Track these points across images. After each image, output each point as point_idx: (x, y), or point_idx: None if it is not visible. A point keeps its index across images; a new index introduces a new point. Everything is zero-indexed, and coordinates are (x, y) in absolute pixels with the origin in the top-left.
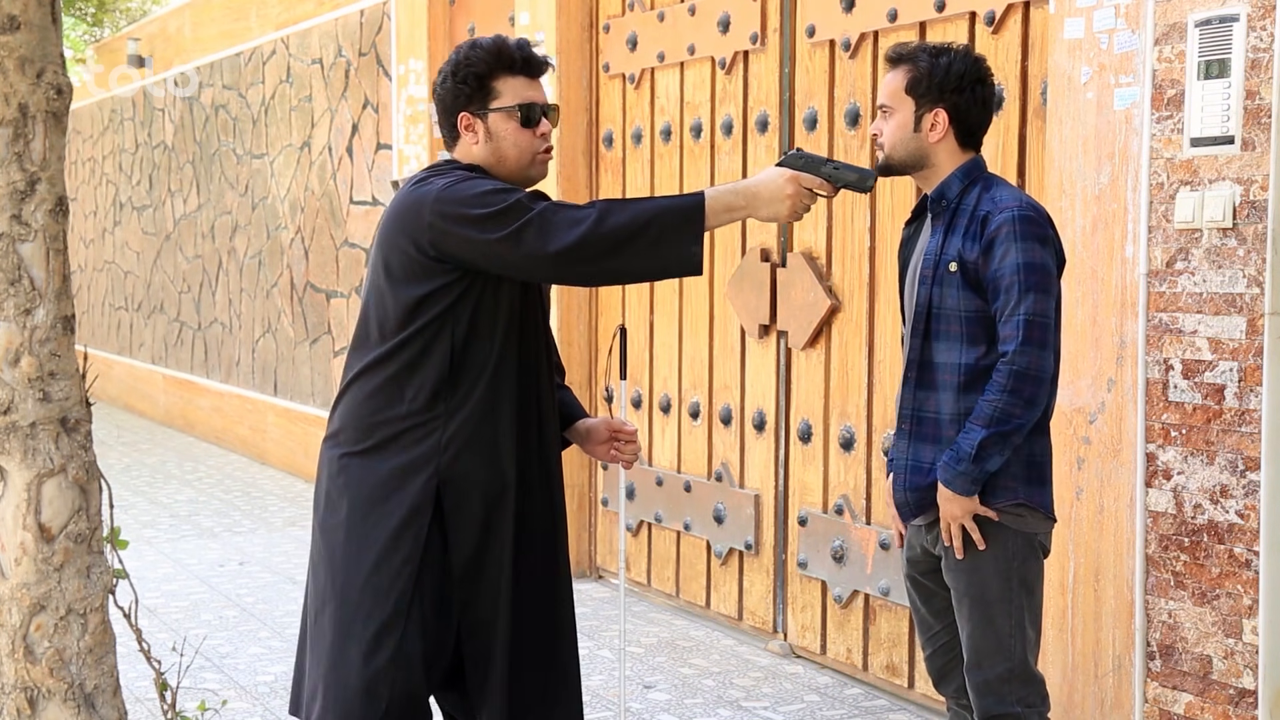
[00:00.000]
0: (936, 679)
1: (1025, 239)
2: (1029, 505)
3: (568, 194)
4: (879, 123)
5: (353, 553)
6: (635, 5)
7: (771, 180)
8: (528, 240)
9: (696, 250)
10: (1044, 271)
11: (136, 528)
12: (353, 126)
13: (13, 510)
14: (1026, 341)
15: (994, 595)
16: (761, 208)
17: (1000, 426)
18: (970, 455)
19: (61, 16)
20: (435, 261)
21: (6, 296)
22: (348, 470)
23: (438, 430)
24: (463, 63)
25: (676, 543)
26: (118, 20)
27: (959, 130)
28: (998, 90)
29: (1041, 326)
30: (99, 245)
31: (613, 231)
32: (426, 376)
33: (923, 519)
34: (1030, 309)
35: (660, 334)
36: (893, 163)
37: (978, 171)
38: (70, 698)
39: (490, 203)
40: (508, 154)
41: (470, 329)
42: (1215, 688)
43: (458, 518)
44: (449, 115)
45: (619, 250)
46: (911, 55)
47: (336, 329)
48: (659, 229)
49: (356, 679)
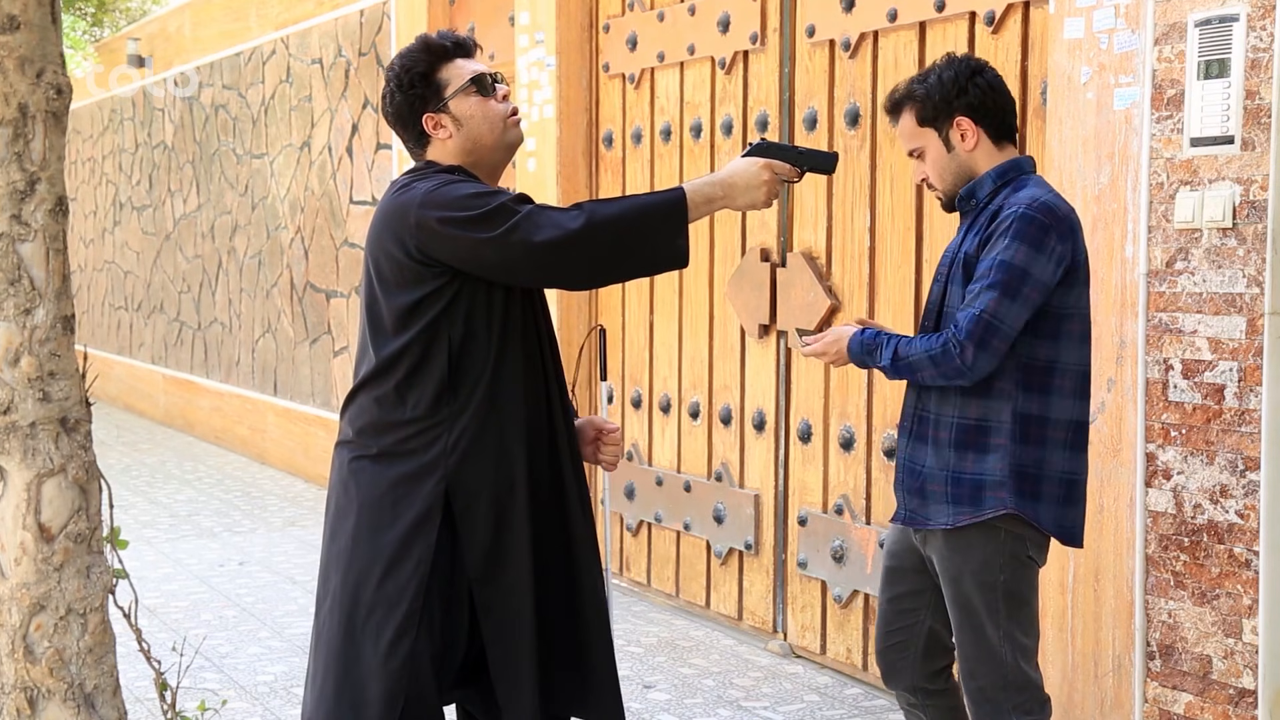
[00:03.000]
0: (885, 673)
1: (1017, 237)
2: (1020, 518)
3: (568, 194)
4: (918, 167)
5: (363, 558)
6: (635, 5)
7: (746, 169)
8: (515, 241)
9: (682, 243)
10: (1019, 274)
11: (136, 528)
12: (353, 126)
13: (13, 510)
14: (969, 335)
15: (977, 606)
16: (739, 196)
17: (903, 373)
18: (874, 359)
19: (61, 16)
20: (424, 265)
21: (6, 296)
22: (358, 475)
23: (443, 435)
24: (403, 73)
25: (676, 543)
26: (118, 20)
27: (988, 127)
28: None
29: (989, 327)
30: (99, 245)
31: (599, 229)
32: (427, 383)
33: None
34: (986, 306)
35: (660, 334)
36: (948, 193)
37: (1015, 172)
38: (70, 698)
39: (477, 205)
40: (480, 131)
41: (466, 332)
42: (1215, 688)
43: (468, 519)
44: (411, 125)
45: (607, 248)
46: (907, 93)
47: (336, 329)
48: (644, 225)
49: (371, 684)
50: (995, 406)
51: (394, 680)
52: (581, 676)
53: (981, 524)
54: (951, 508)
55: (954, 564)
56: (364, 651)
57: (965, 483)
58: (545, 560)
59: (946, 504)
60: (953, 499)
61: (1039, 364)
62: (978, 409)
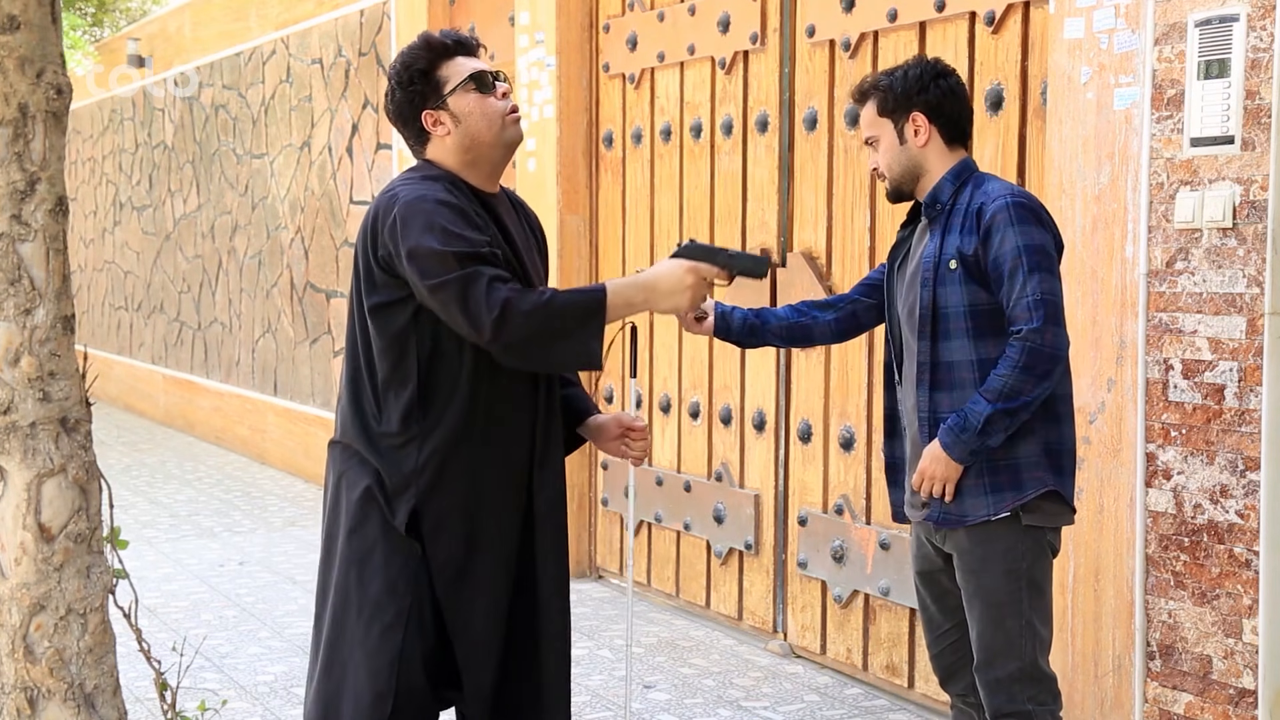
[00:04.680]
0: (943, 677)
1: (1022, 222)
2: (1058, 493)
3: (568, 194)
4: (872, 156)
5: (354, 555)
6: (635, 5)
7: (670, 273)
8: (442, 297)
9: (596, 346)
10: (1045, 252)
11: (136, 528)
12: (353, 126)
13: (13, 510)
14: (1041, 319)
15: (1002, 596)
16: (661, 300)
17: (1008, 402)
18: (976, 427)
19: (61, 16)
20: (385, 273)
21: (6, 296)
22: (348, 473)
23: (413, 452)
24: (404, 70)
25: (676, 543)
26: (118, 20)
27: (942, 128)
28: (997, 90)
29: (1053, 304)
30: (99, 245)
31: (518, 322)
32: (398, 398)
33: (933, 523)
34: (1039, 288)
35: (660, 334)
36: (893, 182)
37: (968, 172)
38: (70, 698)
39: (433, 251)
40: (479, 128)
41: (435, 350)
42: (1215, 688)
43: (435, 541)
44: (411, 122)
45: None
46: (873, 84)
47: (336, 329)
48: (561, 324)
49: (361, 682)
50: None
51: (382, 678)
52: (535, 689)
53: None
54: (992, 497)
55: (978, 555)
56: (353, 649)
57: (1002, 469)
58: (518, 572)
59: (985, 495)
60: (991, 488)
61: None
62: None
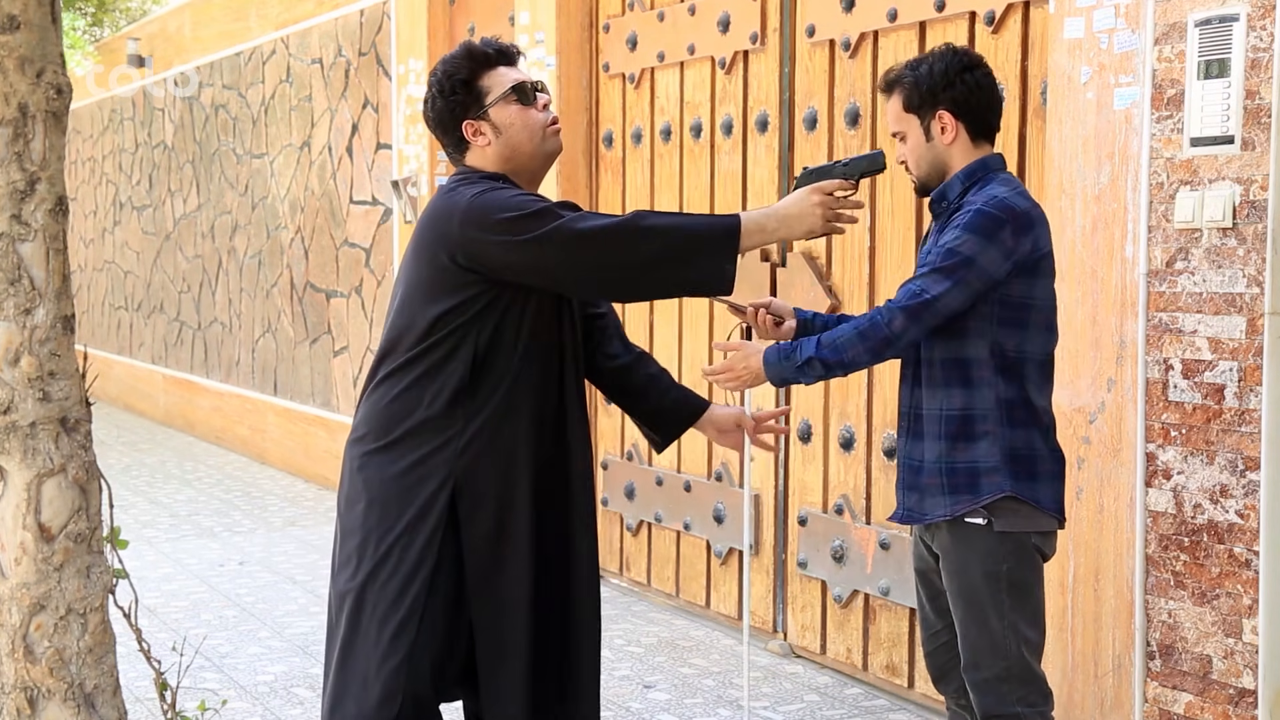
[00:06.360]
0: (936, 677)
1: (969, 229)
2: (1018, 499)
3: (567, 194)
4: (900, 149)
5: (369, 554)
6: (635, 5)
7: (795, 199)
8: (558, 241)
9: (730, 268)
10: (962, 260)
11: (136, 528)
12: (353, 126)
13: (13, 510)
14: (902, 306)
15: (983, 597)
16: (794, 224)
17: (831, 355)
18: (797, 362)
19: (61, 16)
20: (465, 270)
21: (6, 296)
22: (366, 469)
23: (455, 436)
24: (445, 79)
25: (676, 542)
26: (118, 20)
27: (969, 124)
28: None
29: (924, 303)
30: (99, 245)
31: (646, 238)
32: (447, 381)
33: (918, 524)
34: (927, 284)
35: (660, 334)
36: (920, 178)
37: (982, 171)
38: (70, 697)
39: (522, 206)
40: (520, 139)
41: (494, 338)
42: (1215, 687)
43: (471, 525)
44: (452, 130)
45: (651, 258)
46: (898, 77)
47: (336, 329)
48: (696, 241)
49: (370, 680)
50: (979, 395)
51: (392, 678)
52: (566, 686)
53: (983, 512)
54: (949, 498)
55: (958, 555)
56: (365, 648)
57: (960, 471)
58: (546, 569)
59: (943, 495)
60: (949, 489)
61: (1010, 352)
62: (962, 399)
